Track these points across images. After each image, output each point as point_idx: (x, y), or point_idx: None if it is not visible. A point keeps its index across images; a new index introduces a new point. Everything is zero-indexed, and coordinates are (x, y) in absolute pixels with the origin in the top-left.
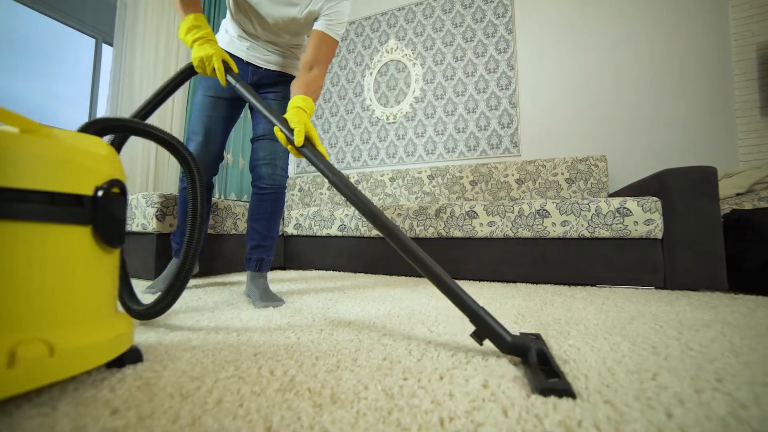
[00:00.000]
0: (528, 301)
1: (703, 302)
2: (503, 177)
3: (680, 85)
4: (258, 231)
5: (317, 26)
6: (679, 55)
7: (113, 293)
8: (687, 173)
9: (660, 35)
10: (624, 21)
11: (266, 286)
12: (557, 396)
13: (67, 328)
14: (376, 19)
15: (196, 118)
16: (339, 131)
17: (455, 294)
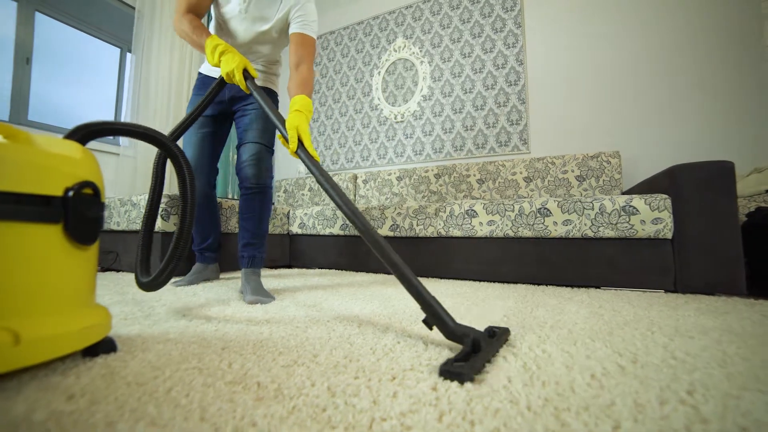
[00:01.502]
0: (520, 303)
1: (714, 308)
2: (511, 175)
3: (703, 74)
4: (248, 229)
5: (293, 29)
6: (701, 41)
7: (88, 287)
8: (699, 168)
9: (679, 20)
10: (639, 7)
11: (258, 283)
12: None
13: (33, 318)
14: (384, 18)
15: (186, 137)
16: (348, 131)
17: (413, 286)
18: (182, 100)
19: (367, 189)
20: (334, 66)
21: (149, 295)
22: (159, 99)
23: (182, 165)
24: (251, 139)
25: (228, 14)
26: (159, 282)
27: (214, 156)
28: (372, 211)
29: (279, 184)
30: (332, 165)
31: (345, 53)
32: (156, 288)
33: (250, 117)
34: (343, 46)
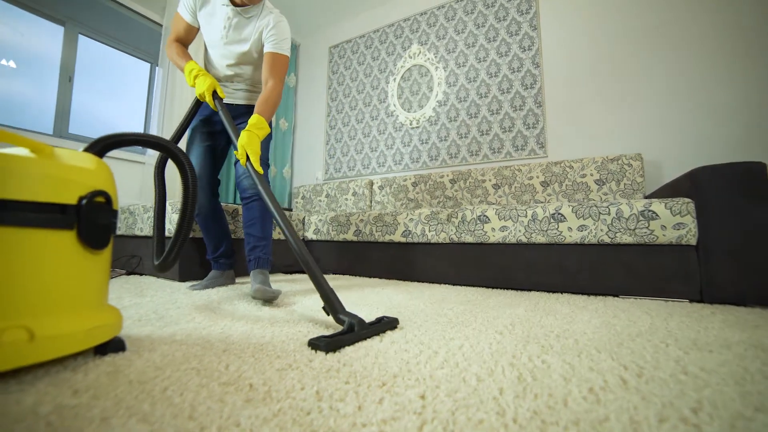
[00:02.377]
0: (530, 311)
1: (744, 320)
2: (527, 179)
3: (733, 68)
4: (253, 234)
5: (266, 48)
6: (728, 34)
7: (99, 289)
8: (725, 170)
9: (703, 15)
10: (660, 2)
11: (265, 280)
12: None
13: (47, 317)
14: (399, 25)
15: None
16: (364, 137)
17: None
18: None
19: (383, 195)
20: (351, 74)
21: (165, 298)
22: (183, 108)
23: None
24: None
25: (212, 42)
26: (168, 263)
27: (216, 168)
28: (385, 217)
29: (297, 191)
30: (349, 171)
31: (361, 61)
32: (166, 269)
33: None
34: (359, 54)
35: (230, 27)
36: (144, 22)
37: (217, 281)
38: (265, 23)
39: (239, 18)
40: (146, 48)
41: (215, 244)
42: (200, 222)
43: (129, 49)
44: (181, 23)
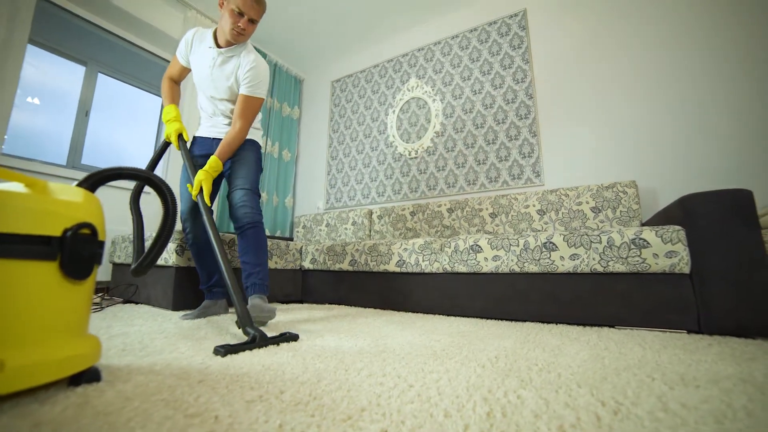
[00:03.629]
0: (519, 343)
1: (740, 352)
2: (524, 208)
3: (724, 94)
4: (248, 262)
5: (240, 90)
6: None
7: (79, 318)
8: (714, 198)
9: (695, 38)
10: (647, 31)
11: (263, 302)
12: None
13: (20, 347)
14: (398, 60)
15: (181, 187)
16: (365, 168)
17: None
18: None
19: (382, 224)
20: (352, 106)
21: (154, 327)
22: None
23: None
24: (238, 186)
25: (200, 82)
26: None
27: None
28: (379, 246)
29: (298, 220)
30: (349, 201)
31: (362, 94)
32: (141, 273)
33: (233, 167)
34: (360, 88)
35: (214, 65)
36: (156, 60)
37: (209, 310)
38: (243, 62)
39: (222, 57)
40: (158, 83)
41: (208, 274)
42: (194, 252)
43: (142, 85)
44: (176, 65)
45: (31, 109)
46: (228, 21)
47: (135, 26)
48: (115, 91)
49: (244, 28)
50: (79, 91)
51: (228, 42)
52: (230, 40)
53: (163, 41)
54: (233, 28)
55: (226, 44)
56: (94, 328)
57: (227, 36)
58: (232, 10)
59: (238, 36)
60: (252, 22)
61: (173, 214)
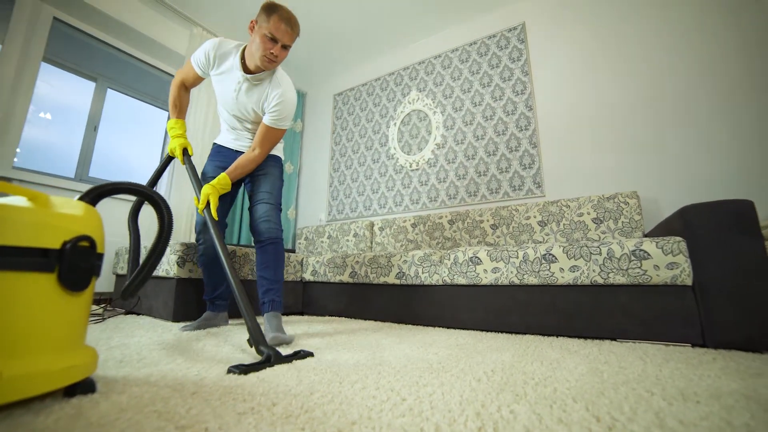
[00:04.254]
0: (517, 356)
1: (745, 367)
2: (525, 219)
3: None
4: (266, 278)
5: (264, 119)
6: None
7: (75, 329)
8: (714, 209)
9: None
10: (646, 42)
11: (279, 325)
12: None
13: (16, 358)
14: (399, 74)
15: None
16: (366, 180)
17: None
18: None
19: (383, 236)
20: (354, 119)
21: (153, 339)
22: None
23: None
24: (261, 199)
25: (223, 99)
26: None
27: (224, 214)
28: (379, 258)
29: (300, 232)
30: (351, 213)
31: (363, 107)
32: (128, 296)
33: (259, 180)
34: (362, 101)
35: (240, 90)
36: (163, 75)
37: (209, 322)
38: (271, 94)
39: (248, 84)
40: (164, 98)
41: (214, 285)
42: (203, 262)
43: (149, 99)
44: (191, 72)
45: (44, 124)
46: (259, 47)
47: (143, 43)
48: (123, 105)
49: (276, 55)
50: (89, 106)
51: (257, 68)
52: (260, 67)
53: (170, 57)
54: (265, 55)
55: (256, 69)
56: (95, 339)
57: (257, 62)
58: (264, 36)
59: (269, 63)
60: (285, 48)
61: (167, 234)
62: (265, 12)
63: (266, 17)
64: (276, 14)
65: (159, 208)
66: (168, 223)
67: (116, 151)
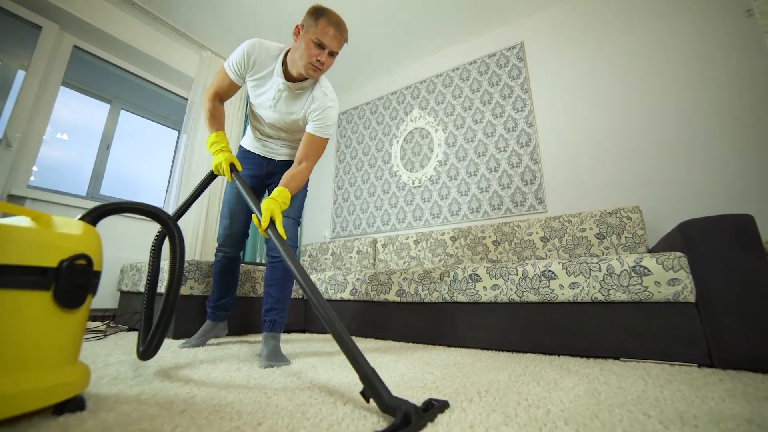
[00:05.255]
0: (514, 376)
1: (753, 389)
2: (527, 235)
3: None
4: (272, 295)
5: (308, 128)
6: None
7: (68, 346)
8: (714, 223)
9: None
10: (643, 58)
11: (276, 347)
12: None
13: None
14: (401, 92)
15: (225, 206)
16: (369, 197)
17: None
18: None
19: (386, 253)
20: (357, 137)
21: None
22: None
23: (176, 244)
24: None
25: (259, 104)
26: (150, 351)
27: (247, 224)
28: (379, 276)
29: (305, 249)
30: (355, 230)
31: (367, 125)
32: (149, 357)
33: None
34: (365, 119)
35: (279, 99)
36: (173, 97)
37: (208, 335)
38: (315, 105)
39: (289, 92)
40: (174, 118)
41: (220, 294)
42: (218, 269)
43: (160, 120)
44: (226, 80)
45: (60, 144)
46: (304, 53)
47: (155, 67)
48: (134, 125)
49: (323, 62)
50: (103, 126)
51: (300, 75)
52: (303, 74)
53: (180, 79)
54: (310, 62)
55: (298, 77)
56: (93, 355)
57: (301, 69)
58: (310, 41)
59: (314, 71)
60: (332, 55)
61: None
62: (313, 15)
63: (314, 21)
64: (324, 18)
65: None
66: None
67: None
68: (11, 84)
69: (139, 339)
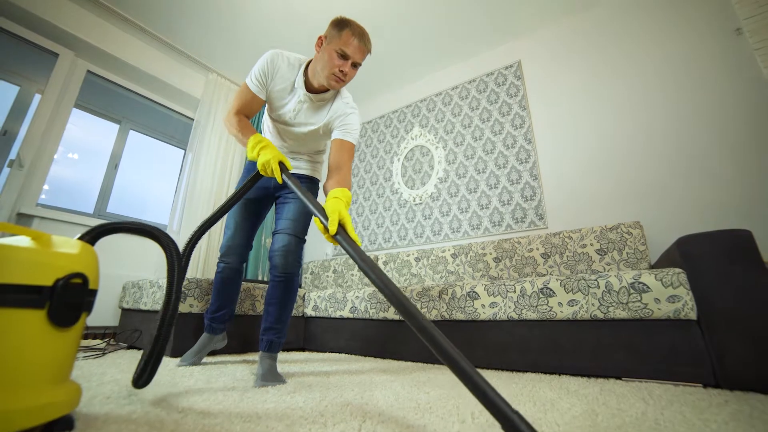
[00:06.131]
0: (511, 396)
1: (761, 412)
2: (527, 252)
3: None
4: (270, 314)
5: (335, 135)
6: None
7: (60, 364)
8: (712, 239)
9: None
10: (641, 74)
11: (272, 367)
12: None
13: None
14: (402, 111)
15: (230, 216)
16: (371, 214)
17: (479, 388)
18: (222, 188)
19: (387, 270)
20: (360, 155)
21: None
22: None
23: (173, 254)
24: (284, 229)
25: (279, 118)
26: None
27: (251, 236)
28: (378, 293)
29: (306, 266)
30: None
31: (368, 144)
32: (143, 385)
33: (288, 206)
34: (367, 138)
35: (300, 110)
36: (180, 117)
37: (206, 349)
38: (339, 112)
39: (310, 103)
40: (181, 137)
41: (219, 305)
42: (219, 280)
43: (167, 139)
44: (248, 94)
45: (71, 163)
46: (326, 64)
47: (163, 89)
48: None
49: (345, 73)
50: (112, 146)
51: (321, 86)
52: (325, 86)
53: (188, 101)
54: (333, 72)
55: (320, 88)
56: (89, 374)
57: (322, 80)
58: (333, 52)
59: (336, 82)
60: (355, 66)
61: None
62: (336, 26)
63: (337, 32)
64: (348, 28)
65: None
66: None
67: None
68: (28, 107)
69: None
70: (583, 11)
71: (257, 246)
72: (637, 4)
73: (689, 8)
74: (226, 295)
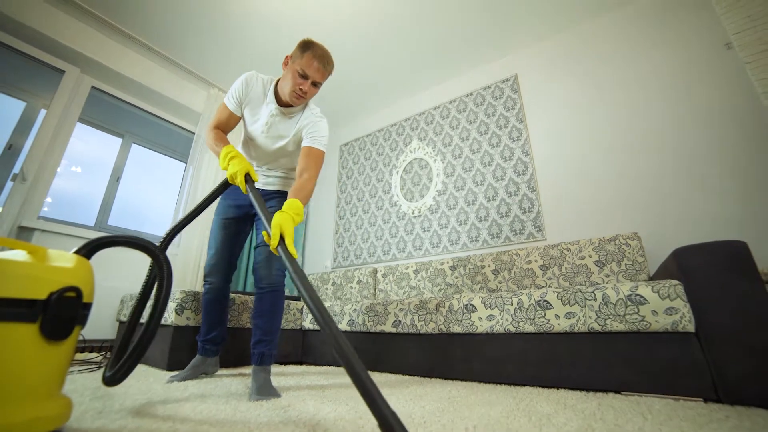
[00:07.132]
0: (506, 411)
1: (762, 427)
2: (526, 264)
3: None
4: (260, 327)
5: (304, 143)
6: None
7: (52, 379)
8: (708, 250)
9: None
10: (638, 86)
11: (266, 380)
12: None
13: None
14: (400, 124)
15: (212, 237)
16: (370, 227)
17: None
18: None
19: (386, 283)
20: (359, 168)
21: (140, 389)
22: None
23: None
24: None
25: (253, 133)
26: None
27: (234, 255)
28: (376, 306)
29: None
30: (356, 259)
31: (367, 156)
32: (115, 383)
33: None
34: (366, 151)
35: (272, 124)
36: (181, 131)
37: (198, 370)
38: (305, 123)
39: (281, 116)
40: (182, 150)
41: (209, 327)
42: (205, 302)
43: (168, 152)
44: (225, 111)
45: (74, 176)
46: (290, 82)
47: (165, 104)
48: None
49: (305, 91)
50: (114, 159)
51: (287, 102)
52: (289, 102)
53: (189, 115)
54: (294, 90)
55: (286, 104)
56: (83, 388)
57: (286, 97)
58: (295, 71)
59: (297, 99)
60: (315, 85)
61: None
62: (300, 48)
63: (300, 53)
64: (310, 51)
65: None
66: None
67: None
68: (34, 122)
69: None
70: (577, 25)
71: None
72: (629, 21)
73: (681, 25)
74: (214, 315)
